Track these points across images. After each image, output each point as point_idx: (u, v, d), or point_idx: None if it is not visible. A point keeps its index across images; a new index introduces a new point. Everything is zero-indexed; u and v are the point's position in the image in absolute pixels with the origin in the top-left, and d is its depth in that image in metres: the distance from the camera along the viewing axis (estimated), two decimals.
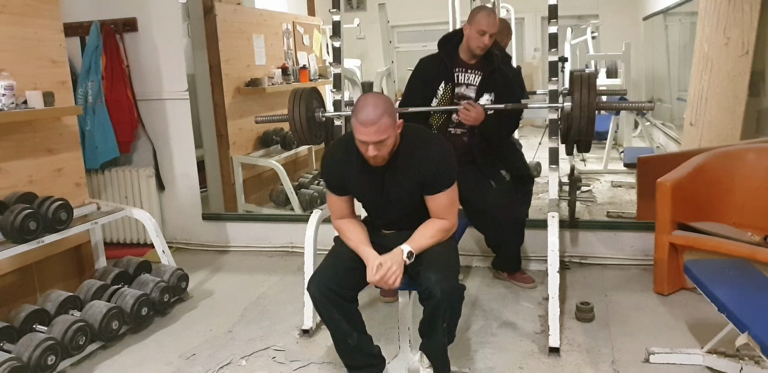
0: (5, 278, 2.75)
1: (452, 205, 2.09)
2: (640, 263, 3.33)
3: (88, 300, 2.75)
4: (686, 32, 6.44)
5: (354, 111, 1.94)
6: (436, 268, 1.98)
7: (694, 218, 2.92)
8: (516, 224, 2.97)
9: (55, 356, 2.34)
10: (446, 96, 2.78)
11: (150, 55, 3.87)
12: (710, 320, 2.52)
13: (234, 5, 4.63)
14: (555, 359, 2.40)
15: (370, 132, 1.89)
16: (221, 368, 2.45)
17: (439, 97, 2.78)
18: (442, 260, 2.05)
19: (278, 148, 5.01)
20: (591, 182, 5.36)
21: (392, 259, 1.99)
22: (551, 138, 2.78)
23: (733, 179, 3.03)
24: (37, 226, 2.56)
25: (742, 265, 2.34)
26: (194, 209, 4.06)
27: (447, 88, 2.77)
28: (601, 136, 5.72)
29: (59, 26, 3.01)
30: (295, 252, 3.86)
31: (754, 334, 1.84)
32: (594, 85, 2.59)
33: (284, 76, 5.17)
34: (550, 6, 2.70)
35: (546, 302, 2.67)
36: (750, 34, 3.73)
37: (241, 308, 3.06)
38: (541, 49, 8.48)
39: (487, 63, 2.77)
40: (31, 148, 2.85)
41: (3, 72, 2.59)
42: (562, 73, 4.94)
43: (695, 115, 4.24)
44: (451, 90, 2.77)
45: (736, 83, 3.82)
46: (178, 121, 3.92)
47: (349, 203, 2.21)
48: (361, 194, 2.18)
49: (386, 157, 1.99)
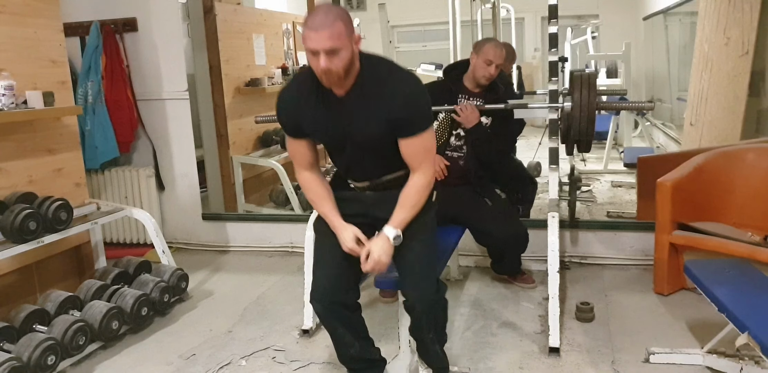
0: (5, 278, 2.75)
1: (428, 152, 1.87)
2: (640, 263, 3.33)
3: (88, 300, 2.75)
4: (686, 32, 6.44)
5: (304, 21, 1.71)
6: (415, 279, 1.92)
7: (694, 218, 2.92)
8: (517, 238, 2.95)
9: (55, 356, 2.34)
10: (446, 120, 2.89)
11: (150, 55, 3.87)
12: (710, 320, 2.51)
13: (234, 5, 4.63)
14: (555, 359, 2.40)
15: (321, 38, 1.65)
16: (221, 368, 2.45)
17: (440, 120, 2.89)
18: (420, 264, 1.94)
19: (278, 148, 5.00)
20: (591, 182, 5.35)
21: (380, 249, 1.85)
22: (551, 138, 2.78)
23: (733, 179, 3.02)
24: (37, 226, 2.56)
25: (742, 265, 2.34)
26: (194, 209, 4.05)
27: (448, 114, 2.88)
28: (601, 136, 5.71)
29: (59, 26, 3.01)
30: (295, 252, 3.86)
31: (754, 334, 1.84)
32: (594, 85, 2.59)
33: (284, 76, 5.17)
34: (550, 6, 2.70)
35: (546, 302, 2.67)
36: (750, 34, 3.73)
37: (241, 308, 3.06)
38: (541, 49, 8.47)
39: (491, 93, 2.88)
40: (31, 148, 2.85)
41: (3, 72, 2.59)
42: (562, 73, 4.93)
43: (695, 115, 4.24)
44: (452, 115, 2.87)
45: (736, 83, 3.82)
46: (178, 121, 3.92)
47: (310, 149, 1.97)
48: (320, 132, 1.90)
49: (341, 76, 1.72)
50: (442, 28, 5.39)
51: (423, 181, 1.87)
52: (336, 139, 1.90)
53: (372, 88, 1.78)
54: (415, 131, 1.81)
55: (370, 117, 1.80)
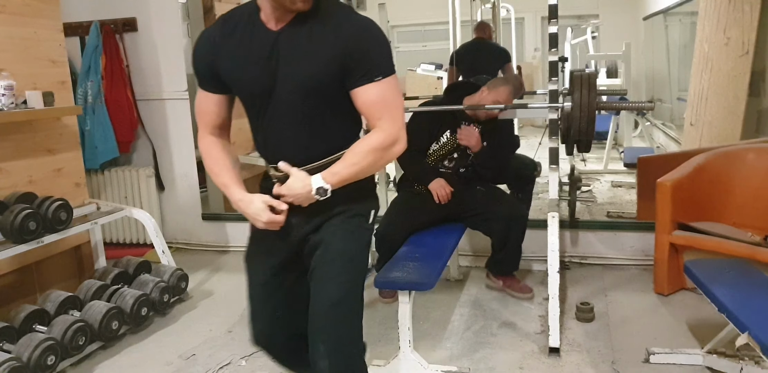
0: (5, 278, 2.75)
1: (389, 105, 1.42)
2: (640, 263, 3.33)
3: (87, 300, 2.75)
4: (686, 32, 6.44)
5: None
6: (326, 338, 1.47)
7: (694, 218, 2.92)
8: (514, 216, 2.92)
9: (55, 356, 2.34)
10: (451, 144, 2.97)
11: (150, 55, 3.87)
12: (710, 320, 2.51)
13: (234, 5, 4.62)
14: (555, 359, 2.40)
15: None
16: (221, 368, 2.45)
17: (441, 143, 2.98)
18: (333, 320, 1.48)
19: None
20: (591, 182, 5.35)
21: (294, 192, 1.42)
22: (551, 138, 2.77)
23: (733, 179, 3.02)
24: (36, 226, 2.55)
25: (742, 265, 2.33)
26: (194, 209, 4.05)
27: (452, 137, 2.95)
28: (601, 136, 5.71)
29: (59, 26, 3.01)
30: None
31: (754, 334, 1.84)
32: (594, 85, 2.59)
33: None
34: (550, 6, 2.70)
35: (546, 302, 2.67)
36: (750, 34, 3.73)
37: (241, 308, 3.05)
38: (541, 49, 8.47)
39: (490, 121, 2.95)
40: (31, 148, 2.85)
41: (3, 72, 2.59)
42: (562, 73, 4.93)
43: (695, 115, 4.24)
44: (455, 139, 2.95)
45: (736, 83, 3.82)
46: (178, 121, 3.92)
47: (223, 108, 1.58)
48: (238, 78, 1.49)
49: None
50: (442, 28, 5.40)
51: (378, 139, 1.42)
52: (258, 87, 1.46)
53: (317, 21, 1.41)
54: (372, 76, 1.40)
55: (310, 55, 1.40)
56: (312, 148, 1.48)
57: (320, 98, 1.44)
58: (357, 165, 1.42)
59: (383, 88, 1.41)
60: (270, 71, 1.43)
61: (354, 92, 1.42)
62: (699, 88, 4.18)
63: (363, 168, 1.43)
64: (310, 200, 1.43)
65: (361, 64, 1.39)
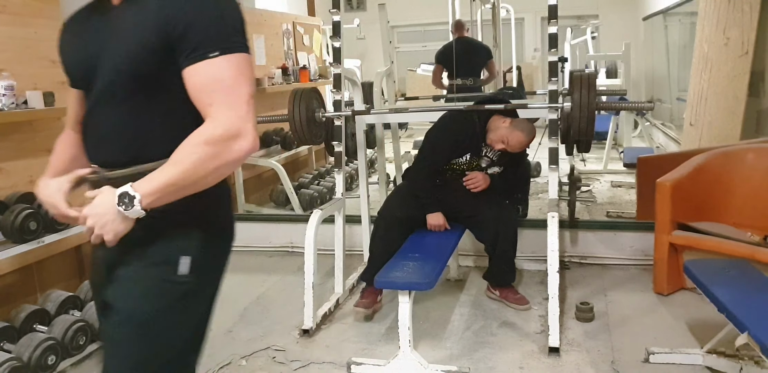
0: (5, 278, 2.75)
1: (225, 88, 1.09)
2: (640, 263, 3.33)
3: (88, 300, 2.75)
4: (686, 32, 6.45)
5: None
6: None
7: (693, 218, 2.93)
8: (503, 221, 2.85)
9: (56, 356, 2.34)
10: (471, 164, 2.94)
11: None
12: (710, 320, 2.51)
13: None
14: (555, 359, 2.40)
15: None
16: (221, 368, 2.45)
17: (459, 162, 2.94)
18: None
19: (278, 148, 5.01)
20: (591, 182, 5.35)
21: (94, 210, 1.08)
22: (551, 138, 2.78)
23: (733, 179, 3.03)
24: (37, 226, 2.56)
25: (742, 265, 2.34)
26: None
27: (473, 159, 2.93)
28: (601, 136, 5.71)
29: (59, 26, 3.00)
30: (295, 252, 3.86)
31: (754, 334, 1.84)
32: (594, 86, 2.59)
33: (284, 76, 5.18)
34: (550, 6, 2.71)
35: (546, 302, 2.67)
36: (750, 34, 3.73)
37: (241, 308, 3.06)
38: (541, 49, 8.47)
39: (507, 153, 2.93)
40: (31, 148, 2.85)
41: (3, 72, 2.59)
42: (562, 73, 4.94)
43: (695, 116, 4.24)
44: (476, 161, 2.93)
45: (736, 83, 3.83)
46: None
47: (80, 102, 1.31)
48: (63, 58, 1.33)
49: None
50: (442, 28, 5.42)
51: (207, 131, 1.08)
52: (80, 72, 1.23)
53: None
54: (204, 51, 1.09)
55: (129, 30, 1.13)
56: (136, 149, 1.17)
57: (146, 86, 1.13)
58: (179, 164, 1.07)
59: (220, 67, 1.09)
60: (92, 53, 1.18)
61: (185, 73, 1.10)
62: (698, 88, 4.18)
63: (187, 170, 1.06)
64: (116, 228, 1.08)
65: (188, 36, 1.08)
